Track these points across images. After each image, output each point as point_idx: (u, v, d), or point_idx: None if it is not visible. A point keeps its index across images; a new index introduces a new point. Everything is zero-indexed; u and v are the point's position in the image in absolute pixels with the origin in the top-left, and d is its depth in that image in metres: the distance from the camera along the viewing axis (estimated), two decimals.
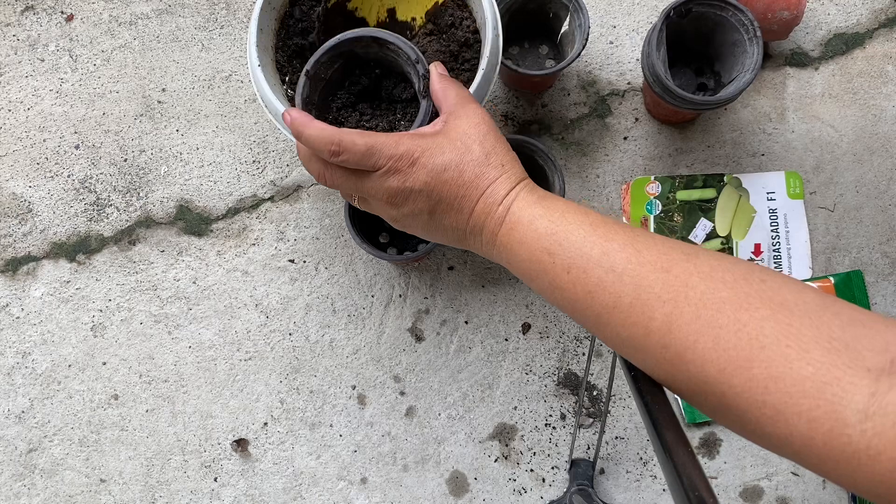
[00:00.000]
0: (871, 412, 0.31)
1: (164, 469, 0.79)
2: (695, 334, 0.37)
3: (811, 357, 0.34)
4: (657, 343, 0.39)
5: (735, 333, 0.36)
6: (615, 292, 0.40)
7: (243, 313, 0.80)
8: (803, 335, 0.34)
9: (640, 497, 0.78)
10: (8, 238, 0.82)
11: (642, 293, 0.39)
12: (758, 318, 0.36)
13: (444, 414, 0.79)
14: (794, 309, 0.36)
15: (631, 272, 0.40)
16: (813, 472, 0.35)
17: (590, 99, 0.83)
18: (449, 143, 0.48)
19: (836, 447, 0.32)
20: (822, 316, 0.35)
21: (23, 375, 0.80)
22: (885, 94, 0.82)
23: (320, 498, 0.78)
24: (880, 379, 0.32)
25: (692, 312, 0.38)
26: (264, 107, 0.65)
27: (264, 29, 0.65)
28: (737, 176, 0.81)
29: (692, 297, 0.38)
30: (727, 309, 0.37)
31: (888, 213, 0.80)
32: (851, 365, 0.33)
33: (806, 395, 0.33)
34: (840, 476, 0.33)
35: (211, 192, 0.82)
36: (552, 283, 0.44)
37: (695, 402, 0.39)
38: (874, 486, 0.32)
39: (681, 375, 0.39)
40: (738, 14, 0.71)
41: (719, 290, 0.38)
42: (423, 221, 0.49)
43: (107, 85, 0.84)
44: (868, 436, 0.31)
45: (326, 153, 0.48)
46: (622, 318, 0.40)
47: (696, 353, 0.37)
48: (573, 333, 0.80)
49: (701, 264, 0.39)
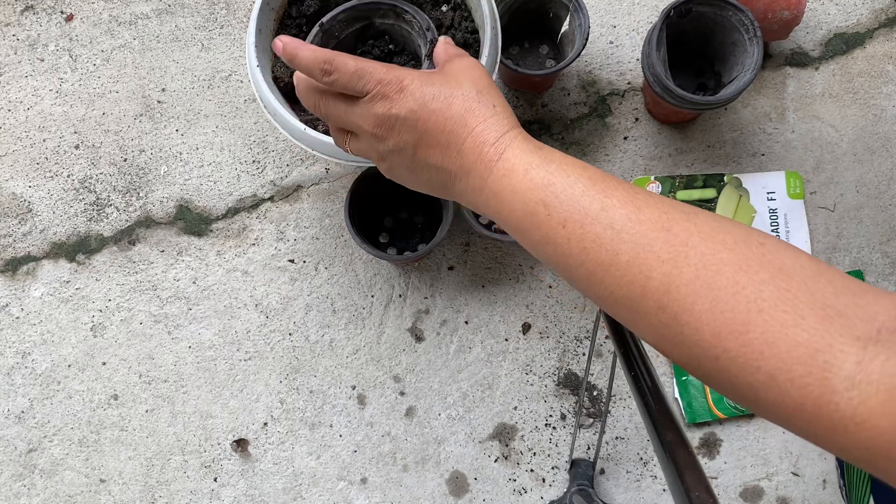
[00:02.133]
0: (857, 380, 0.32)
1: (164, 469, 0.79)
2: (693, 295, 0.37)
3: (806, 323, 0.34)
4: (653, 304, 0.38)
5: (733, 296, 0.35)
6: (612, 249, 0.39)
7: (243, 313, 0.80)
8: (799, 301, 0.34)
9: (640, 497, 0.78)
10: (8, 238, 0.82)
11: (641, 251, 0.38)
12: (756, 281, 0.35)
13: (444, 414, 0.79)
14: (791, 274, 0.35)
15: (630, 229, 0.39)
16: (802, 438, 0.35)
17: (590, 99, 0.83)
18: (440, 76, 0.47)
19: (824, 414, 0.33)
20: (818, 282, 0.35)
21: (23, 375, 0.80)
22: (886, 94, 0.82)
23: (320, 498, 0.78)
24: (867, 347, 0.32)
25: (691, 273, 0.37)
26: (263, 107, 0.65)
27: (263, 30, 0.65)
28: (737, 176, 0.81)
29: (692, 258, 0.37)
30: (727, 271, 0.36)
31: (888, 213, 0.80)
32: (843, 333, 0.33)
33: (799, 361, 0.33)
34: (829, 442, 0.34)
35: (211, 192, 0.82)
36: (545, 236, 0.42)
37: (687, 366, 0.39)
38: (860, 452, 0.32)
39: (675, 338, 0.38)
40: (738, 14, 0.71)
41: (719, 252, 0.37)
42: (409, 159, 0.47)
43: (107, 85, 0.84)
44: (854, 403, 0.32)
45: (319, 72, 0.47)
46: (618, 276, 0.39)
47: (693, 315, 0.36)
48: (573, 333, 0.80)
49: (702, 225, 0.39)
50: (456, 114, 0.45)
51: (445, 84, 0.46)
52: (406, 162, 0.48)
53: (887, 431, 0.31)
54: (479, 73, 0.48)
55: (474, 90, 0.46)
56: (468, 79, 0.47)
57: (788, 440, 0.78)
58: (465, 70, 0.47)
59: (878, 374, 0.31)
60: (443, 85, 0.46)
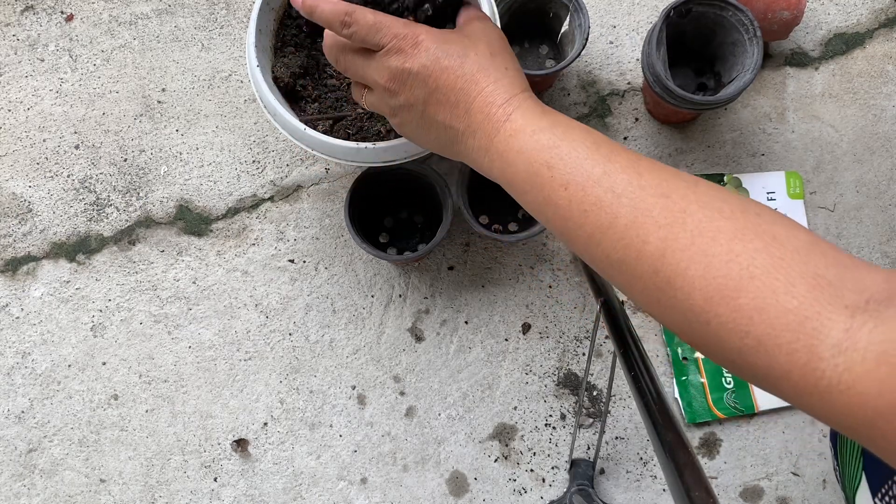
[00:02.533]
0: (843, 347, 0.32)
1: (164, 469, 0.79)
2: (687, 261, 0.37)
3: (797, 291, 0.34)
4: (649, 267, 0.39)
5: (727, 263, 0.36)
6: (612, 213, 0.40)
7: (243, 313, 0.80)
8: (792, 269, 0.35)
9: (640, 497, 0.78)
10: (8, 238, 0.82)
11: (639, 216, 0.39)
12: (751, 249, 0.36)
13: (444, 414, 0.79)
14: (785, 244, 0.36)
15: (630, 194, 0.40)
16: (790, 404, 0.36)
17: (590, 99, 0.83)
18: (456, 35, 0.47)
19: (811, 381, 0.33)
20: (811, 253, 0.36)
21: (23, 375, 0.80)
22: (885, 94, 0.82)
23: (320, 498, 0.78)
24: (855, 316, 0.33)
25: (687, 239, 0.38)
26: (263, 107, 0.65)
27: (263, 30, 0.65)
28: (737, 176, 0.81)
29: (689, 224, 0.38)
30: (722, 238, 0.37)
31: (888, 213, 0.80)
32: (832, 301, 0.33)
33: (788, 328, 0.34)
34: (814, 408, 0.34)
35: (211, 192, 0.82)
36: (547, 198, 0.43)
37: (679, 331, 0.39)
38: (843, 418, 0.33)
39: (667, 302, 0.39)
40: (738, 14, 0.71)
41: (716, 220, 0.38)
42: (418, 115, 0.48)
43: (107, 85, 0.84)
44: (839, 370, 0.32)
45: (338, 24, 0.48)
46: (616, 239, 0.40)
47: (686, 280, 0.37)
48: (573, 333, 0.80)
49: (700, 193, 0.39)
50: (467, 72, 0.46)
51: (460, 43, 0.47)
52: (416, 118, 0.48)
53: (871, 398, 0.31)
54: (495, 35, 0.48)
55: (488, 51, 0.47)
56: (483, 40, 0.47)
57: (788, 440, 0.78)
58: (482, 31, 0.48)
59: (864, 343, 0.32)
60: (457, 44, 0.47)
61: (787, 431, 0.78)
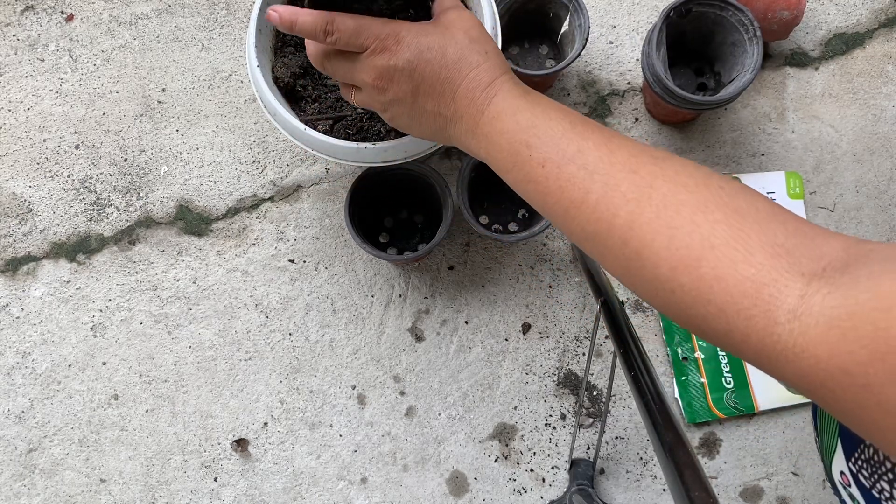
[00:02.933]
0: (798, 313, 0.34)
1: (164, 469, 0.79)
2: (652, 233, 0.39)
3: (754, 259, 0.36)
4: (618, 239, 0.41)
5: (689, 234, 0.38)
6: (584, 188, 0.42)
7: (243, 313, 0.80)
8: (751, 239, 0.37)
9: (640, 497, 0.78)
10: (8, 238, 0.82)
11: (609, 191, 0.41)
12: (711, 220, 0.38)
13: (444, 414, 0.79)
14: (746, 215, 0.38)
15: (602, 170, 0.42)
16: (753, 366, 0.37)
17: (590, 99, 0.83)
18: (434, 27, 0.49)
19: (768, 344, 0.35)
20: (771, 223, 0.37)
21: (23, 375, 0.80)
22: (885, 94, 0.82)
23: (320, 498, 0.78)
24: (811, 283, 0.34)
25: (653, 212, 0.40)
26: (263, 107, 0.65)
27: (263, 30, 0.65)
28: (737, 176, 0.81)
29: (654, 198, 0.40)
30: (685, 211, 0.39)
31: (888, 213, 0.80)
32: (789, 269, 0.35)
33: (746, 294, 0.35)
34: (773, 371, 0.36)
35: (211, 192, 0.82)
36: (527, 175, 0.45)
37: (649, 299, 0.42)
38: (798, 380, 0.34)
39: (637, 272, 0.41)
40: (738, 14, 0.71)
41: (680, 194, 0.40)
42: (408, 107, 0.50)
43: (107, 85, 0.84)
44: (794, 334, 0.34)
45: (321, 34, 0.49)
46: (588, 213, 0.42)
47: (652, 251, 0.39)
48: (573, 333, 0.80)
49: (667, 168, 0.41)
50: (450, 62, 0.48)
51: (439, 34, 0.49)
52: (406, 110, 0.50)
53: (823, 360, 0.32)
54: (471, 22, 0.50)
55: (467, 39, 0.49)
56: (461, 28, 0.49)
57: (788, 440, 0.78)
58: (458, 20, 0.50)
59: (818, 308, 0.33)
60: (437, 35, 0.48)
61: (787, 431, 0.78)
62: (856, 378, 0.31)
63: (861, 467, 0.47)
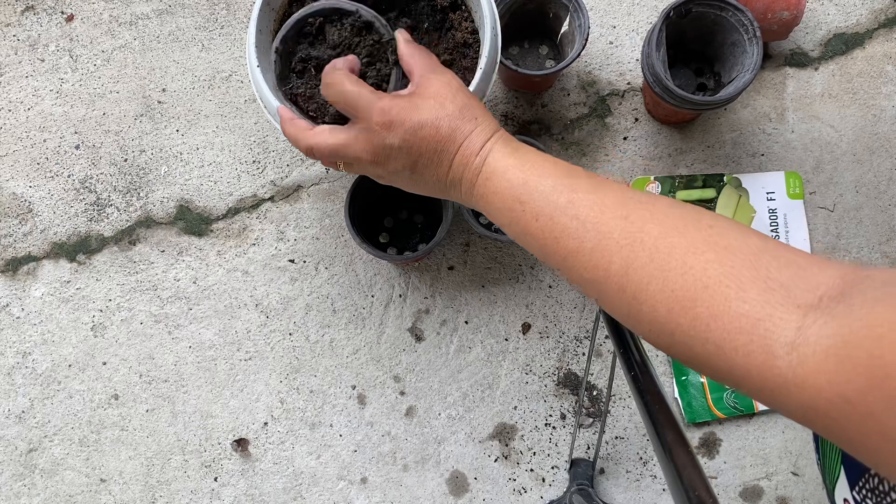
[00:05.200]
0: (796, 344, 0.34)
1: (164, 469, 0.79)
2: (647, 277, 0.40)
3: (747, 296, 0.36)
4: (616, 285, 0.42)
5: (682, 276, 0.39)
6: (579, 237, 0.44)
7: (243, 313, 0.81)
8: (743, 276, 0.37)
9: (640, 497, 0.78)
10: (8, 238, 0.82)
11: (603, 239, 0.43)
12: (703, 261, 0.39)
13: (444, 414, 0.79)
14: (737, 252, 0.38)
15: (593, 219, 0.44)
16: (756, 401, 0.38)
17: (590, 99, 0.83)
18: (423, 102, 0.50)
19: (769, 378, 0.35)
20: (762, 258, 0.38)
21: (23, 375, 0.80)
22: (885, 94, 0.82)
23: (320, 498, 0.78)
24: (808, 314, 0.34)
25: (646, 257, 0.41)
26: (263, 107, 0.65)
27: (263, 30, 0.65)
28: (737, 176, 0.81)
29: (647, 243, 0.41)
30: (677, 253, 0.40)
31: (888, 213, 0.80)
32: (783, 302, 0.35)
33: (741, 331, 0.36)
34: (777, 404, 0.36)
35: (211, 192, 0.82)
36: (524, 229, 0.47)
37: (653, 341, 0.42)
38: (802, 411, 0.34)
39: (637, 315, 0.42)
40: (737, 14, 0.71)
41: (671, 236, 0.41)
42: (407, 177, 0.52)
43: (107, 85, 0.84)
44: (794, 365, 0.34)
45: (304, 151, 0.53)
46: (585, 261, 0.44)
47: (649, 294, 0.40)
48: (573, 333, 0.80)
49: (656, 211, 0.43)
50: (444, 135, 0.50)
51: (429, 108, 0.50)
52: (404, 180, 0.53)
53: (824, 389, 0.32)
54: (456, 87, 0.52)
55: (457, 109, 0.50)
56: (449, 98, 0.51)
57: (788, 440, 0.78)
58: (445, 88, 0.51)
59: (815, 338, 0.33)
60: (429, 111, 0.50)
61: (787, 431, 0.78)
62: (856, 406, 0.31)
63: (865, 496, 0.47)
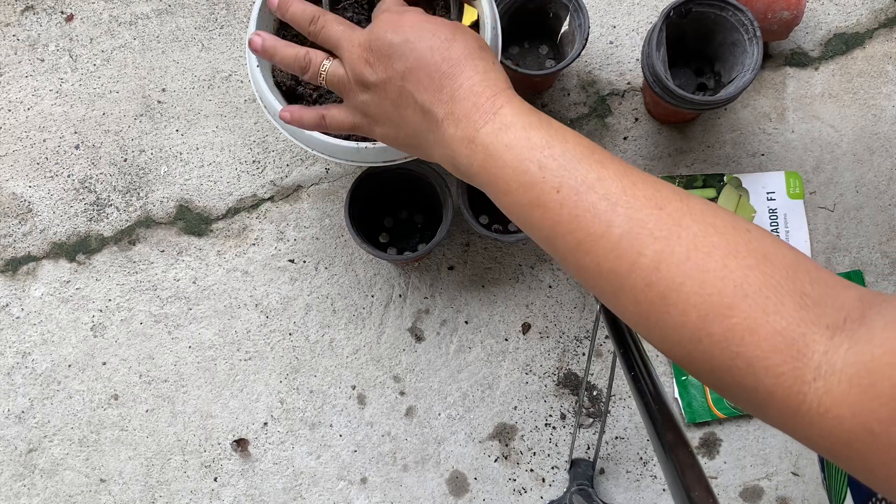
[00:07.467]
0: (823, 371, 0.32)
1: (164, 469, 0.79)
2: (682, 276, 0.37)
3: (786, 311, 0.34)
4: (641, 280, 0.38)
5: (721, 279, 0.36)
6: (606, 221, 0.39)
7: (243, 313, 0.80)
8: (781, 288, 0.35)
9: (640, 497, 0.78)
10: (8, 238, 0.82)
11: (635, 226, 0.38)
12: (744, 266, 0.36)
13: (444, 414, 0.79)
14: (775, 261, 0.36)
15: (625, 203, 0.39)
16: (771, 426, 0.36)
17: (590, 99, 0.83)
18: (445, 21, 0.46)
19: (793, 404, 0.33)
20: (797, 271, 0.36)
21: (23, 375, 0.80)
22: (885, 94, 0.82)
23: (320, 498, 0.78)
24: (834, 336, 0.33)
25: (683, 253, 0.37)
26: (263, 107, 0.65)
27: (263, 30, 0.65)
28: (737, 176, 0.81)
29: (684, 238, 0.37)
30: (717, 254, 0.36)
31: (888, 213, 0.80)
32: (816, 321, 0.34)
33: (776, 349, 0.34)
34: (795, 431, 0.34)
35: (211, 192, 0.82)
36: (536, 198, 0.41)
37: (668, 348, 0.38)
38: (822, 441, 0.33)
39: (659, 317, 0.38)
40: (738, 14, 0.71)
41: (710, 235, 0.37)
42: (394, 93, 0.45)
43: (107, 85, 0.84)
44: (819, 393, 0.32)
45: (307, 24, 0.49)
46: (608, 248, 0.39)
47: (681, 296, 0.36)
48: (573, 333, 0.80)
49: (693, 206, 0.39)
50: (455, 56, 0.43)
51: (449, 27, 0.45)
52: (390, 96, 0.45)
53: (846, 420, 0.31)
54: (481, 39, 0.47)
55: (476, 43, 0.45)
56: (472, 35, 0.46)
57: (788, 440, 0.78)
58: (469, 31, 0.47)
59: (840, 364, 0.32)
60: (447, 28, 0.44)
61: None
62: (879, 437, 0.30)
63: None
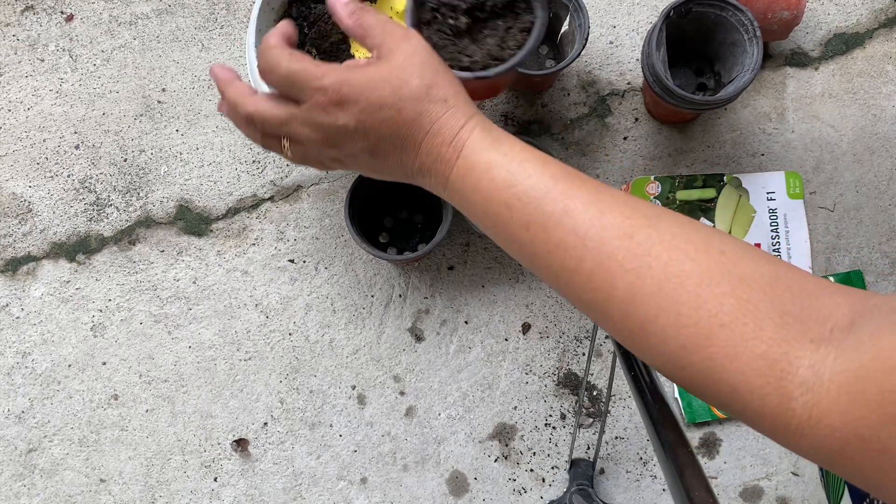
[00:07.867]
0: (810, 384, 0.33)
1: (164, 469, 0.79)
2: (656, 309, 0.37)
3: (765, 335, 0.34)
4: (619, 311, 0.38)
5: (696, 310, 0.36)
6: (577, 256, 0.39)
7: (243, 313, 0.80)
8: (760, 311, 0.35)
9: (640, 497, 0.78)
10: (8, 238, 0.82)
11: (605, 260, 0.38)
12: (718, 294, 0.36)
13: (444, 414, 0.79)
14: (752, 283, 0.36)
15: (593, 236, 0.39)
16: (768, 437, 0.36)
17: (590, 99, 0.83)
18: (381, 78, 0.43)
19: (783, 421, 0.34)
20: (776, 289, 0.36)
21: (23, 375, 0.80)
22: (885, 94, 0.82)
23: (320, 498, 0.78)
24: (819, 349, 0.33)
25: (654, 285, 0.37)
26: None
27: (263, 30, 0.65)
28: (737, 176, 0.81)
29: (655, 268, 0.37)
30: (689, 284, 0.36)
31: (888, 213, 0.80)
32: (798, 338, 0.34)
33: (758, 373, 0.34)
34: (790, 444, 0.35)
35: (211, 192, 0.82)
36: (510, 236, 0.42)
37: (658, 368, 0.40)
38: (817, 451, 0.33)
39: (642, 344, 0.39)
40: (738, 14, 0.71)
41: (682, 263, 0.37)
42: (367, 161, 0.45)
43: (107, 85, 0.84)
44: (809, 406, 0.33)
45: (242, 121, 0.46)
46: (583, 281, 0.39)
47: (658, 328, 0.37)
48: (573, 333, 0.80)
49: (664, 231, 0.38)
50: (408, 118, 0.43)
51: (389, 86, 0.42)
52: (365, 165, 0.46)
53: (839, 429, 0.32)
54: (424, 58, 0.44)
55: (423, 87, 0.43)
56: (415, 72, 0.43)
57: None
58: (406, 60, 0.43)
59: (828, 374, 0.32)
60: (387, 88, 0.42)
61: None
62: (871, 443, 0.30)
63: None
